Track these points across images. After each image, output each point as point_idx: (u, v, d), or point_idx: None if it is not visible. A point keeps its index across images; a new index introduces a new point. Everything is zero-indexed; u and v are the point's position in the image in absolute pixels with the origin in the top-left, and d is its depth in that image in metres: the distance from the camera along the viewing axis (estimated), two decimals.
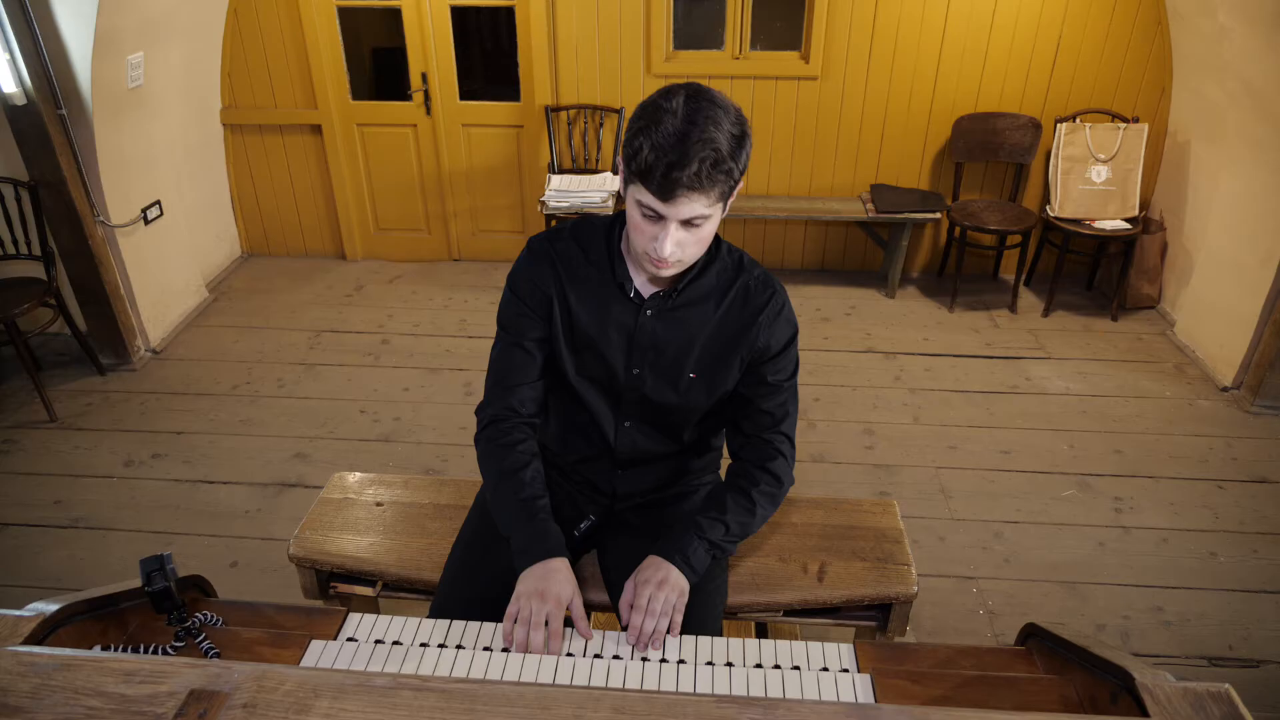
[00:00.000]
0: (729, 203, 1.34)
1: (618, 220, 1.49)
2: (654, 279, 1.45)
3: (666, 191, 1.24)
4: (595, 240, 1.50)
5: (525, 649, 1.32)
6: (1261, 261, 3.46)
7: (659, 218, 1.29)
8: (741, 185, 1.34)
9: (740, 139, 1.27)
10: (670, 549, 1.45)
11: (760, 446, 1.54)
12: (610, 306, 1.48)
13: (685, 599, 1.41)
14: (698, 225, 1.30)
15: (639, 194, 1.28)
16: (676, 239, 1.30)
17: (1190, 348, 3.91)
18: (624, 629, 1.39)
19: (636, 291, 1.48)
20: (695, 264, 1.44)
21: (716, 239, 1.49)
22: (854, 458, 3.25)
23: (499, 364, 1.56)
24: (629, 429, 1.58)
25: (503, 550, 1.58)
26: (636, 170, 1.26)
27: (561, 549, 1.44)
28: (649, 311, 1.47)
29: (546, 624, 1.32)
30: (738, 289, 1.48)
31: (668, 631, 1.37)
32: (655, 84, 4.26)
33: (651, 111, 1.26)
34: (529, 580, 1.39)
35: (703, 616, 1.48)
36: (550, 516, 1.48)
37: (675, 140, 1.22)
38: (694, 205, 1.26)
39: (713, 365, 1.50)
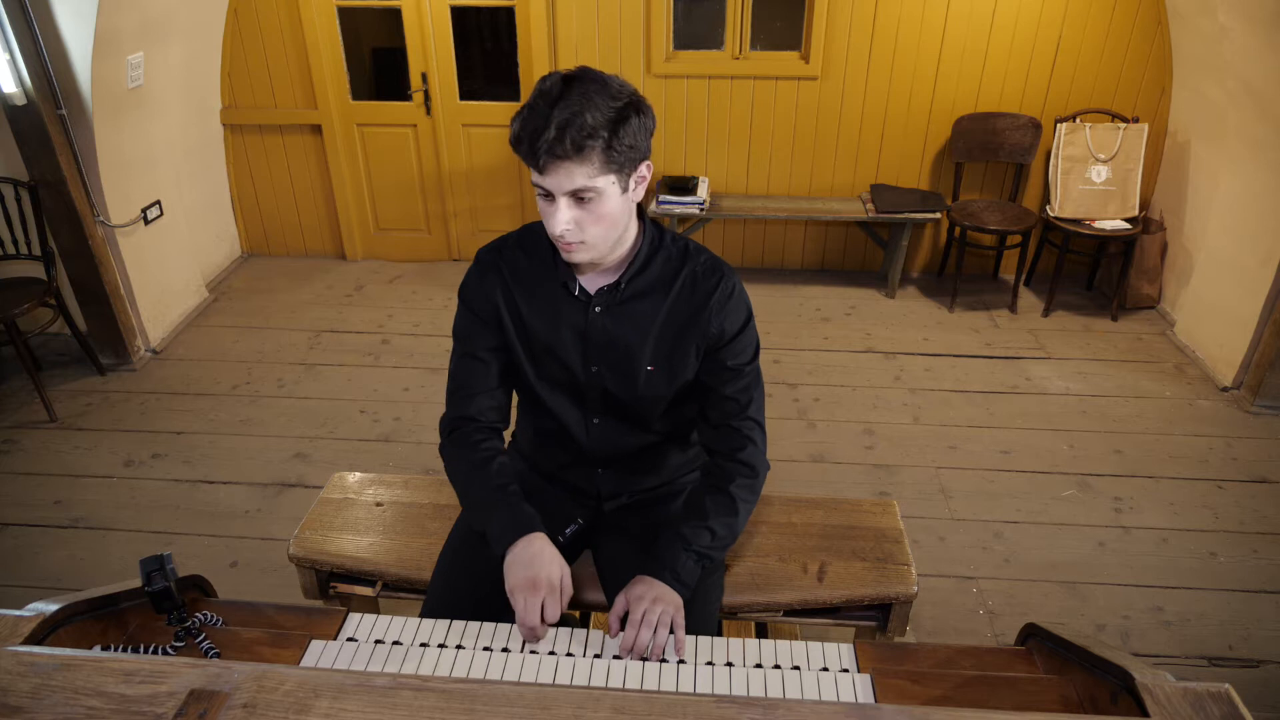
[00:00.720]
0: (634, 183, 1.35)
1: None
2: (587, 270, 1.46)
3: (536, 162, 1.26)
4: (539, 243, 1.51)
5: (537, 639, 1.34)
6: (1261, 261, 3.46)
7: (550, 195, 1.30)
8: (649, 167, 1.35)
9: (621, 110, 1.26)
10: (659, 566, 1.43)
11: (729, 435, 1.52)
12: (560, 307, 1.49)
13: (681, 614, 1.39)
14: (589, 199, 1.30)
15: (532, 175, 1.31)
16: (570, 216, 1.31)
17: (1190, 348, 3.91)
18: (615, 636, 1.38)
19: (581, 288, 1.48)
20: (638, 255, 1.45)
21: (660, 229, 1.49)
22: (854, 458, 3.25)
23: (455, 376, 1.58)
24: (599, 425, 1.58)
25: (489, 551, 1.58)
26: (514, 148, 1.29)
27: (537, 524, 1.44)
28: (598, 308, 1.47)
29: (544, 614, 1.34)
30: (685, 277, 1.47)
31: (675, 652, 1.36)
32: (655, 84, 4.27)
33: (531, 95, 1.28)
34: (516, 569, 1.38)
35: (700, 617, 1.47)
36: (522, 499, 1.47)
37: (541, 113, 1.24)
38: (572, 175, 1.26)
39: (669, 356, 1.50)
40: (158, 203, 3.92)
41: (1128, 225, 4.02)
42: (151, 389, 3.68)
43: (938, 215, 4.18)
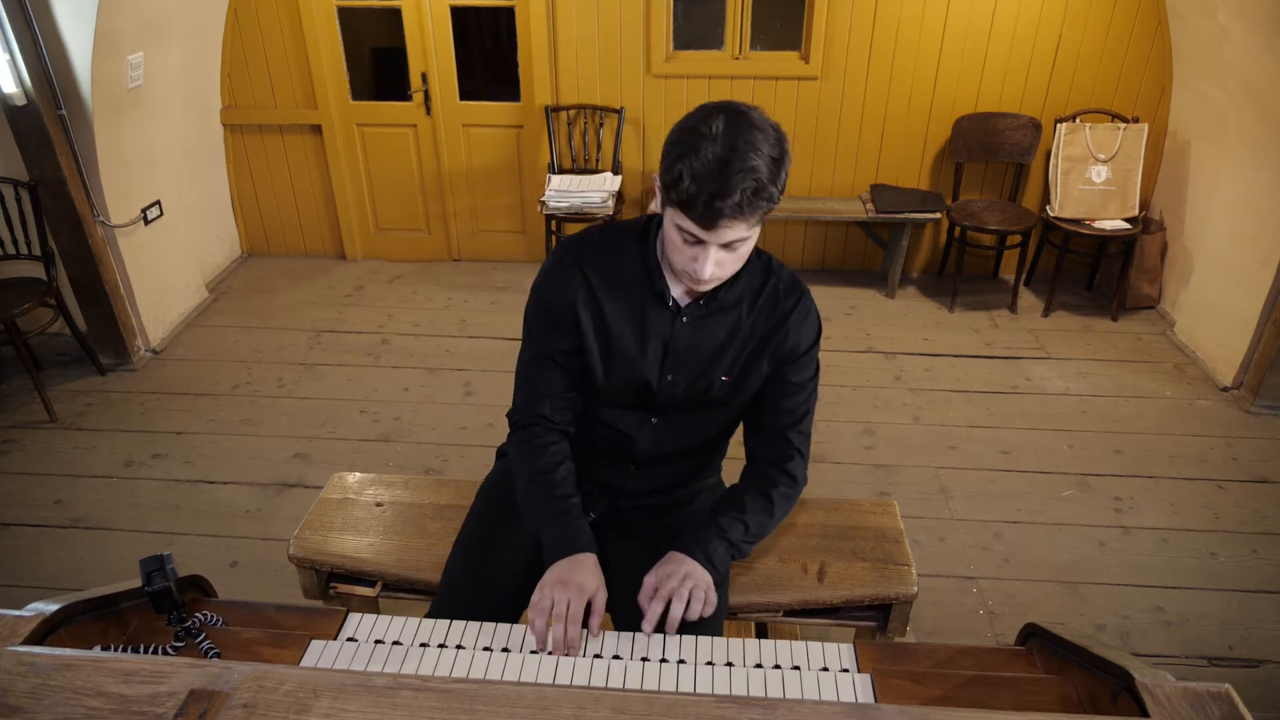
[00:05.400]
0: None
1: (650, 226, 1.49)
2: (691, 291, 1.46)
3: (709, 220, 1.25)
4: (628, 247, 1.49)
5: (544, 641, 1.32)
6: (1261, 261, 3.46)
7: (699, 241, 1.30)
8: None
9: (779, 160, 1.26)
10: (692, 545, 1.46)
11: (779, 446, 1.55)
12: (647, 315, 1.48)
13: (713, 590, 1.42)
14: (736, 246, 1.32)
15: (679, 219, 1.29)
16: (717, 259, 1.31)
17: (1190, 348, 3.91)
18: (648, 617, 1.39)
19: (674, 300, 1.48)
20: None
21: None
22: (854, 458, 3.25)
23: (529, 374, 1.55)
24: (655, 425, 1.58)
25: (505, 555, 1.58)
26: (678, 200, 1.26)
27: (591, 546, 1.44)
28: (684, 319, 1.48)
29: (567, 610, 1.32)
30: (767, 292, 1.49)
31: (706, 609, 1.39)
32: (655, 84, 4.27)
33: (690, 137, 1.24)
34: (555, 569, 1.39)
35: (706, 620, 1.48)
36: (582, 516, 1.48)
37: (716, 169, 1.21)
38: (735, 230, 1.27)
39: (744, 367, 1.51)
40: (158, 203, 3.91)
41: (1128, 225, 4.02)
42: (151, 389, 3.68)
43: (938, 215, 4.18)
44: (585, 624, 1.37)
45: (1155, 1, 3.90)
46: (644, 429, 1.58)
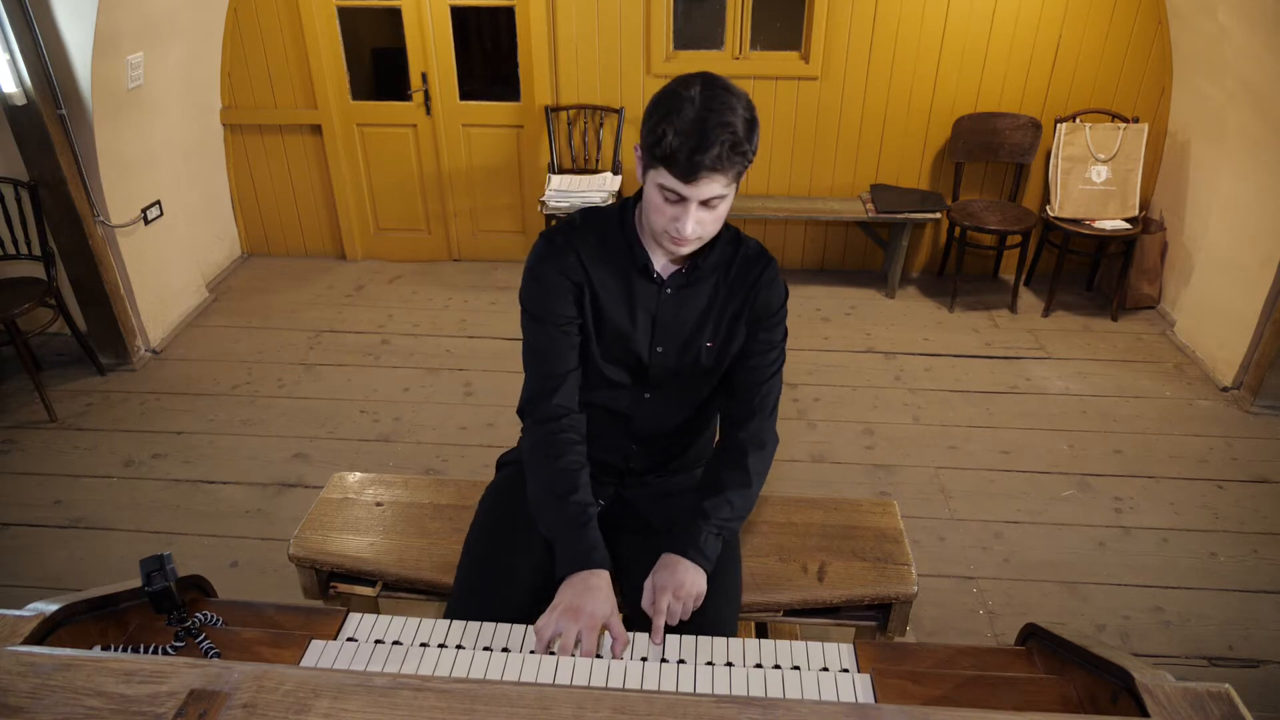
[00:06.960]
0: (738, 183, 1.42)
1: (627, 207, 1.54)
2: (673, 259, 1.52)
3: (690, 174, 1.31)
4: (609, 227, 1.55)
5: (549, 651, 1.32)
6: (1261, 261, 3.46)
7: (680, 199, 1.36)
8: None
9: (752, 123, 1.35)
10: (683, 543, 1.48)
11: (743, 403, 1.59)
12: (633, 289, 1.54)
13: (701, 599, 1.45)
14: (715, 205, 1.38)
15: (661, 178, 1.35)
16: (697, 218, 1.37)
17: (1190, 348, 3.91)
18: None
19: (658, 273, 1.53)
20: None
21: None
22: (854, 458, 3.25)
23: (540, 352, 1.56)
24: (649, 401, 1.62)
25: (521, 561, 1.58)
26: (660, 156, 1.32)
27: (606, 562, 1.44)
28: (668, 290, 1.54)
29: (578, 643, 1.31)
30: (739, 259, 1.56)
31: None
32: (655, 84, 4.26)
33: (671, 100, 1.33)
34: (567, 593, 1.38)
35: (723, 617, 1.49)
36: (597, 527, 1.48)
37: (696, 125, 1.29)
38: (714, 185, 1.34)
39: (726, 331, 1.57)
40: (158, 203, 3.91)
41: (1128, 225, 4.02)
42: (151, 389, 3.68)
43: (938, 215, 4.18)
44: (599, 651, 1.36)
45: (1155, 1, 3.90)
46: (639, 405, 1.62)
